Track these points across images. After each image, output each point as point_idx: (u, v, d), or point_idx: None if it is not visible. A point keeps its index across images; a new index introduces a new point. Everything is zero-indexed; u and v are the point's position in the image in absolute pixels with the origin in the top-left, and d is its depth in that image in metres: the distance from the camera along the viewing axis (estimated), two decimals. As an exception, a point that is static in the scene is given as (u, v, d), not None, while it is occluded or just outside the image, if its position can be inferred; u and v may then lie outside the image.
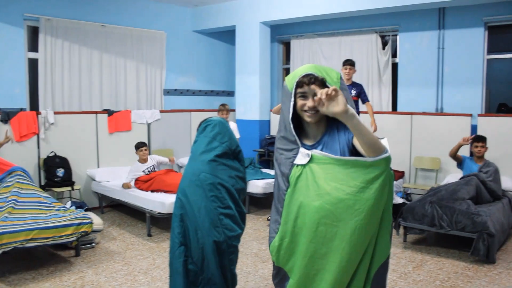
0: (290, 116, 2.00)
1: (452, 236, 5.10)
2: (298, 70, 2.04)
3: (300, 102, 2.00)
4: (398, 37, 7.39)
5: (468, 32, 6.68)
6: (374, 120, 6.15)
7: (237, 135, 6.67)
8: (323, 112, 1.81)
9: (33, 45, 6.84)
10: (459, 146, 5.64)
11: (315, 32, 8.23)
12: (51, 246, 4.96)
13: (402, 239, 5.36)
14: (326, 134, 2.05)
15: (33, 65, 6.84)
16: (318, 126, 2.05)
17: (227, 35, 9.03)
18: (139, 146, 6.30)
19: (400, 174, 6.78)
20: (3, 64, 6.44)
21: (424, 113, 6.89)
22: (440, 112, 6.91)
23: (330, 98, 1.76)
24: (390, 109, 7.49)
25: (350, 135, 1.97)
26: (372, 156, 1.84)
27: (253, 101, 8.16)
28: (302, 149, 2.00)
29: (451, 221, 4.79)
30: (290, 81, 2.03)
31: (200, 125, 3.34)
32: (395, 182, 6.51)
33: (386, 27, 7.44)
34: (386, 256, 2.05)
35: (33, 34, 6.85)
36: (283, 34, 8.77)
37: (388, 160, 1.87)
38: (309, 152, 1.98)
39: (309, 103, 1.97)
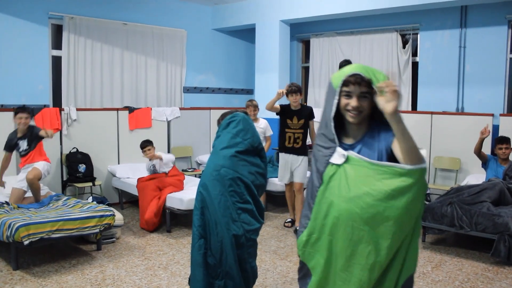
0: (332, 114, 1.98)
1: (472, 237, 5.05)
2: (345, 69, 2.02)
3: (344, 101, 1.98)
4: (418, 36, 7.33)
5: (491, 30, 6.59)
6: None
7: (269, 132, 6.53)
8: (377, 101, 1.83)
9: (57, 43, 6.97)
10: (481, 141, 5.60)
11: (335, 31, 8.21)
12: (73, 240, 5.07)
13: (421, 239, 5.33)
14: (367, 135, 2.03)
15: (56, 62, 6.97)
16: (359, 126, 2.03)
17: (247, 33, 9.06)
18: (142, 146, 6.24)
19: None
20: (27, 61, 6.58)
21: (444, 113, 6.83)
22: (460, 112, 6.84)
23: (393, 92, 1.77)
24: (410, 109, 7.44)
25: (390, 140, 1.95)
26: (409, 164, 1.82)
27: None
28: (339, 149, 1.98)
29: (471, 222, 4.74)
30: (337, 79, 2.00)
31: (222, 118, 3.38)
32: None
33: (406, 25, 7.38)
34: (414, 268, 2.03)
35: (57, 32, 6.98)
36: (302, 33, 8.77)
37: (423, 171, 1.84)
38: (345, 153, 1.96)
39: (353, 103, 1.95)
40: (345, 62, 6.06)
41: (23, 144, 5.40)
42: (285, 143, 5.65)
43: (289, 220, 5.99)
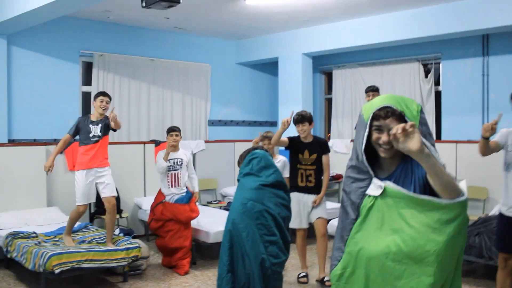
0: (363, 147, 1.91)
1: (502, 268, 4.92)
2: (376, 101, 1.94)
3: (375, 135, 1.91)
4: (440, 65, 7.36)
5: (513, 58, 6.59)
6: None
7: (286, 173, 5.23)
8: (397, 148, 1.73)
9: (87, 79, 7.25)
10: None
11: (357, 62, 8.31)
12: (100, 271, 5.15)
13: (449, 270, 5.22)
14: (400, 167, 1.95)
15: (86, 97, 7.24)
16: (392, 159, 1.95)
17: (270, 67, 9.23)
18: (170, 130, 5.57)
19: (446, 204, 6.63)
20: (59, 97, 6.85)
21: (469, 141, 6.77)
22: (487, 140, 6.76)
23: (406, 134, 1.66)
24: (434, 138, 7.38)
25: (424, 171, 1.85)
26: (447, 198, 1.74)
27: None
28: (375, 180, 1.90)
29: (501, 252, 4.63)
30: (367, 111, 1.93)
31: (241, 159, 3.47)
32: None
33: (428, 55, 7.43)
34: None
35: (87, 69, 7.27)
36: (325, 65, 8.89)
37: (465, 204, 1.76)
38: (383, 184, 1.87)
39: (384, 137, 1.87)
40: (370, 89, 5.92)
41: (96, 130, 4.98)
42: (297, 181, 4.86)
43: (303, 274, 5.01)
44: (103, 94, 5.10)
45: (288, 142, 4.91)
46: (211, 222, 5.79)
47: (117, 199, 6.69)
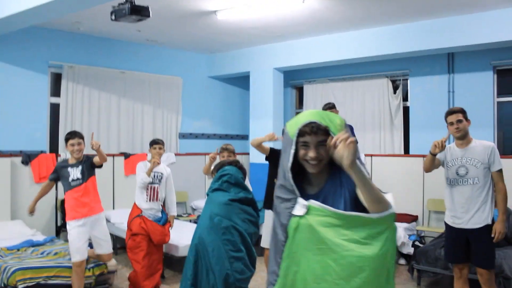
0: (289, 165, 1.88)
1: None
2: (300, 117, 1.92)
3: (302, 151, 1.89)
4: (408, 81, 7.55)
5: (477, 75, 6.82)
6: None
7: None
8: (333, 156, 1.75)
9: (56, 91, 7.13)
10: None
11: (328, 77, 8.44)
12: (68, 286, 5.02)
13: (416, 282, 5.29)
14: (329, 182, 1.95)
15: (54, 109, 7.11)
16: (321, 174, 1.94)
17: (242, 81, 9.28)
18: (154, 142, 5.31)
19: (413, 218, 6.75)
20: (27, 108, 6.71)
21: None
22: (452, 155, 6.92)
23: (347, 146, 1.70)
24: (402, 152, 7.54)
25: (353, 184, 1.85)
26: (375, 211, 1.76)
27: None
28: (300, 199, 1.87)
29: (465, 264, 4.73)
30: (292, 128, 1.91)
31: (215, 170, 3.49)
32: (408, 225, 6.47)
33: (396, 71, 7.61)
34: None
35: (56, 80, 7.16)
36: (296, 79, 9.00)
37: (392, 216, 1.78)
38: (306, 203, 1.85)
39: (311, 153, 1.87)
40: (327, 106, 5.79)
41: (76, 172, 4.57)
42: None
43: None
44: (72, 136, 4.59)
45: (269, 152, 4.70)
46: (181, 236, 5.74)
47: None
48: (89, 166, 4.61)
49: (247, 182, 3.76)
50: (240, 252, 3.17)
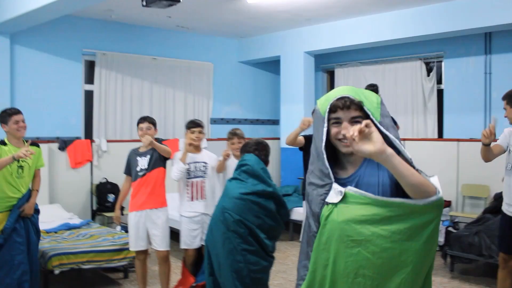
0: (323, 145, 1.69)
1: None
2: (332, 92, 1.75)
3: (334, 129, 1.71)
4: (443, 63, 7.34)
5: (516, 56, 6.56)
6: None
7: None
8: (356, 153, 1.56)
9: (89, 78, 7.29)
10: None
11: (359, 61, 8.30)
12: (101, 268, 5.19)
13: (449, 268, 5.22)
14: (364, 165, 1.75)
15: (88, 96, 7.27)
16: (355, 155, 1.71)
17: (272, 65, 9.24)
18: (191, 125, 4.46)
19: (447, 203, 6.62)
20: (62, 95, 6.88)
21: (471, 140, 6.75)
22: (488, 139, 6.74)
23: (364, 136, 1.50)
24: (436, 136, 7.39)
25: None
26: (419, 198, 1.54)
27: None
28: (335, 185, 1.68)
29: (500, 250, 4.63)
30: (323, 104, 1.74)
31: (244, 148, 3.48)
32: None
33: (430, 53, 7.41)
34: None
35: (90, 68, 7.30)
36: (327, 63, 8.89)
37: (440, 203, 1.56)
38: (342, 189, 1.66)
39: (344, 130, 1.67)
40: (370, 87, 5.66)
41: (143, 162, 4.28)
42: None
43: None
44: (141, 120, 4.42)
45: (304, 142, 4.47)
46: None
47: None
48: (157, 156, 4.26)
49: (271, 167, 3.68)
50: (252, 246, 3.12)
